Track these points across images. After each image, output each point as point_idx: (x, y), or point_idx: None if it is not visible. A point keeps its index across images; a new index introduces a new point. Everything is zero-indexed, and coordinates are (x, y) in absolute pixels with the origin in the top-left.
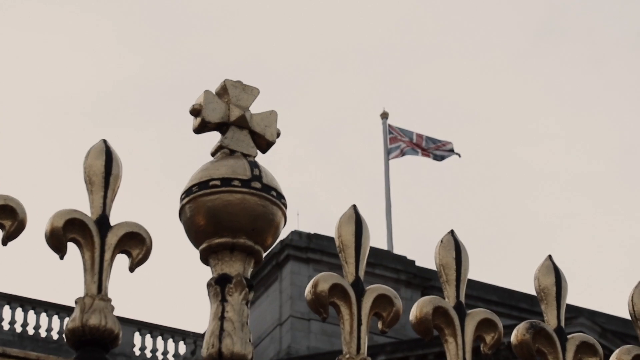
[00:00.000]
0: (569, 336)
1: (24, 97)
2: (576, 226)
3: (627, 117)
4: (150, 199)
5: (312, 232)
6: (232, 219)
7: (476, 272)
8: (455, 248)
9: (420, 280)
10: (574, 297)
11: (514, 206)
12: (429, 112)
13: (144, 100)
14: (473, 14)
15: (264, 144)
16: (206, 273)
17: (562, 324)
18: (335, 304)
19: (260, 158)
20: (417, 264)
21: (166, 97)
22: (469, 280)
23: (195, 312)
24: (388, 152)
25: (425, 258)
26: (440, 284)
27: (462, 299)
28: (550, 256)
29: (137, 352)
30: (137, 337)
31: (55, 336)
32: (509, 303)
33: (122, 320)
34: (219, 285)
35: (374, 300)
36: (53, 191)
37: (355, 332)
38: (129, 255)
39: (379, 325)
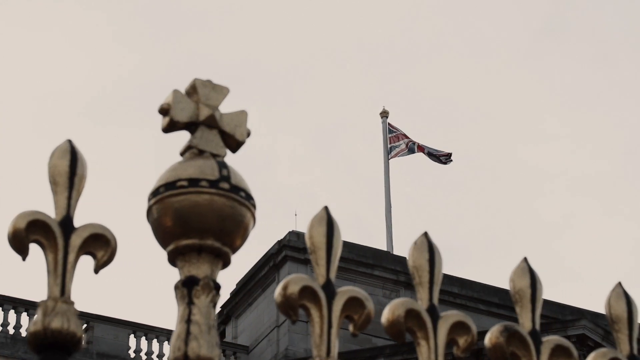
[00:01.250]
0: (543, 339)
1: (19, 95)
2: (580, 227)
3: (632, 117)
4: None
5: None
6: (200, 220)
7: (478, 273)
8: (428, 250)
9: None
10: (577, 298)
11: (516, 206)
12: (429, 111)
13: (140, 98)
14: (475, 12)
15: (234, 144)
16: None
17: (537, 326)
18: (306, 306)
19: (231, 158)
20: None
21: (163, 95)
22: (471, 282)
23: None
24: (388, 152)
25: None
26: (440, 286)
27: (436, 301)
28: (525, 258)
29: (132, 355)
30: (132, 340)
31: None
32: (511, 305)
33: (118, 322)
34: (186, 288)
35: (344, 302)
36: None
37: (326, 335)
38: (94, 257)
39: (350, 328)
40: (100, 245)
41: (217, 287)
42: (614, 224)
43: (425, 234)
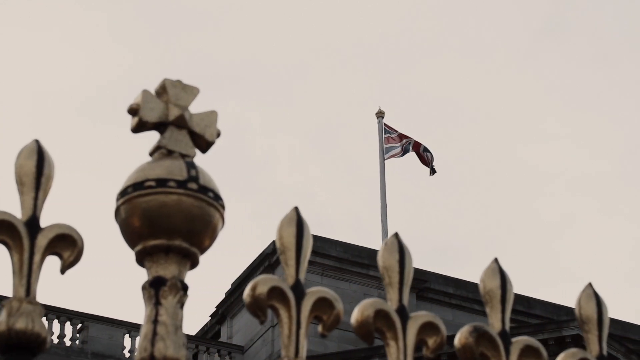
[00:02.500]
0: (513, 339)
1: (16, 93)
2: (579, 227)
3: (632, 117)
4: None
5: None
6: (168, 220)
7: (472, 274)
8: (399, 251)
9: (415, 282)
10: (572, 299)
11: (515, 206)
12: (428, 111)
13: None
14: (474, 11)
15: (204, 144)
16: (197, 274)
17: (507, 327)
18: (275, 307)
19: (201, 158)
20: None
21: None
22: (466, 282)
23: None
24: (384, 152)
25: (421, 259)
26: (435, 287)
27: (406, 301)
28: (496, 259)
29: (127, 355)
30: (127, 339)
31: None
32: None
33: (112, 322)
34: (153, 288)
35: (313, 303)
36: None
37: (294, 335)
38: (60, 257)
39: (319, 328)
40: (67, 246)
41: (185, 288)
42: (614, 224)
43: (396, 235)
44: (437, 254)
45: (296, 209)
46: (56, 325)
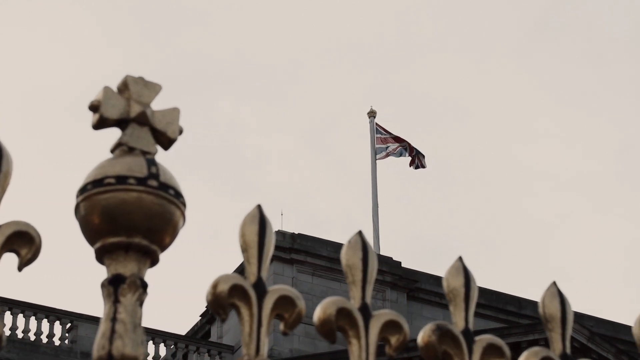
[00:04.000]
0: (476, 338)
1: (4, 91)
2: (572, 226)
3: (625, 116)
4: None
5: (296, 232)
6: (127, 218)
7: None
8: (362, 249)
9: (406, 282)
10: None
11: (507, 206)
12: (419, 111)
13: None
14: (466, 10)
15: (166, 142)
16: (188, 274)
17: (470, 325)
18: (236, 305)
19: (163, 155)
20: (403, 265)
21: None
22: None
23: (176, 314)
24: (375, 152)
25: (413, 260)
26: (426, 287)
27: (368, 300)
28: (460, 257)
29: None
30: None
31: (32, 337)
32: (496, 306)
33: None
34: (112, 286)
35: (275, 301)
36: (35, 186)
37: (255, 333)
38: (18, 254)
39: (281, 327)
40: (24, 243)
41: (144, 286)
42: (606, 223)
43: (360, 233)
44: (429, 254)
45: (259, 206)
46: (45, 324)
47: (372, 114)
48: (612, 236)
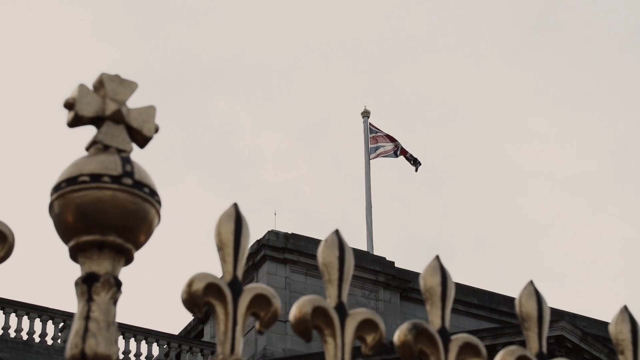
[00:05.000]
0: (452, 337)
1: None
2: (566, 227)
3: (620, 116)
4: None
5: (289, 232)
6: (102, 216)
7: (457, 274)
8: (339, 247)
9: (399, 282)
10: (556, 300)
11: (501, 206)
12: (413, 111)
13: None
14: (461, 10)
15: (142, 140)
16: (181, 273)
17: (447, 324)
18: (211, 303)
19: (139, 154)
20: (396, 265)
21: (147, 92)
22: None
23: (169, 314)
24: (369, 152)
25: (406, 259)
26: (419, 287)
27: (344, 298)
28: (437, 256)
29: None
30: None
31: (24, 337)
32: (489, 306)
33: None
34: (86, 284)
35: (251, 300)
36: (28, 185)
37: (230, 332)
38: None
39: (257, 325)
40: None
41: (119, 284)
42: (601, 224)
43: (336, 232)
44: (422, 254)
45: (235, 205)
46: (38, 323)
47: (365, 114)
48: (606, 236)
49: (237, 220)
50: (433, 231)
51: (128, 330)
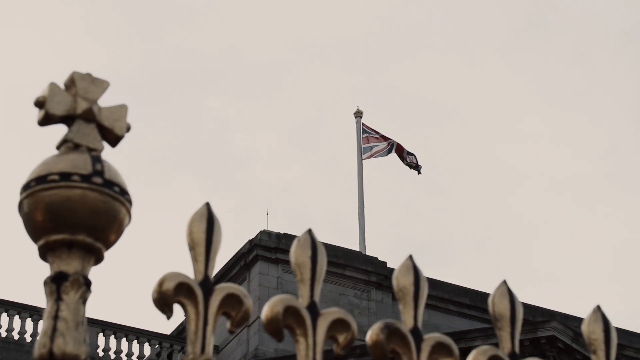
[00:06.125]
0: (424, 336)
1: None
2: (558, 227)
3: (613, 116)
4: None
5: (281, 232)
6: (71, 215)
7: (448, 274)
8: (311, 247)
9: (392, 283)
10: (548, 300)
11: (494, 206)
12: (406, 111)
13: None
14: (453, 9)
15: (113, 138)
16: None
17: (419, 324)
18: (182, 303)
19: (110, 152)
20: (389, 265)
21: (139, 91)
22: (441, 283)
23: (161, 314)
24: (362, 152)
25: (398, 260)
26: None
27: (317, 298)
28: (411, 256)
29: (101, 354)
30: (100, 338)
31: (15, 337)
32: (481, 306)
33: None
34: (55, 284)
35: (222, 299)
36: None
37: (201, 332)
38: None
39: (228, 325)
40: None
41: (88, 283)
42: (594, 224)
43: (309, 231)
44: (415, 254)
45: (207, 204)
46: (29, 323)
47: (358, 114)
48: (599, 236)
49: (209, 219)
50: (425, 231)
51: (120, 330)
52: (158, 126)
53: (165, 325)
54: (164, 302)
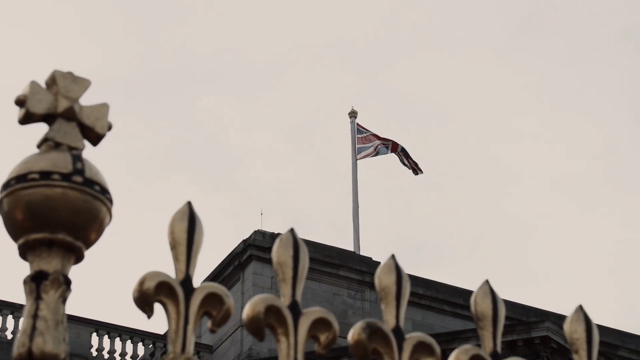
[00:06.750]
0: (406, 336)
1: None
2: (554, 227)
3: (609, 116)
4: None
5: (276, 232)
6: (51, 214)
7: (443, 274)
8: (293, 246)
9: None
10: (542, 300)
11: (489, 206)
12: (401, 111)
13: (106, 93)
14: (449, 9)
15: (95, 137)
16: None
17: (401, 323)
18: (163, 302)
19: (91, 151)
20: None
21: (132, 90)
22: (435, 283)
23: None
24: (356, 152)
25: None
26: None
27: (298, 297)
28: (393, 255)
29: (95, 353)
30: (94, 338)
31: (9, 336)
32: None
33: (80, 321)
34: (34, 283)
35: (203, 298)
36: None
37: (182, 331)
38: None
39: (209, 324)
40: None
41: (68, 282)
42: (589, 224)
43: (291, 230)
44: (409, 254)
45: (189, 203)
46: (10, 321)
47: (353, 114)
48: (594, 236)
49: (190, 218)
50: (420, 231)
51: (113, 330)
52: (153, 126)
53: (159, 325)
54: (144, 301)
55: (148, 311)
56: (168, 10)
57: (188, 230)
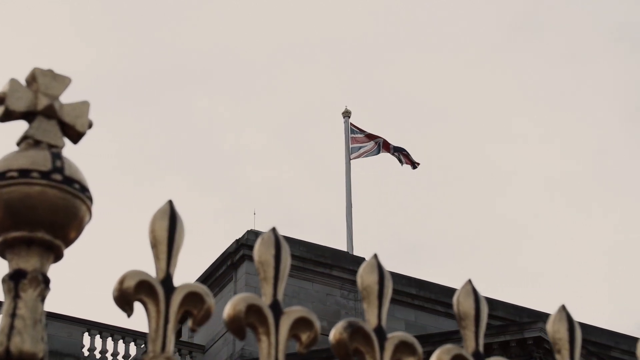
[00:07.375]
0: (388, 335)
1: None
2: (548, 227)
3: (603, 116)
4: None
5: None
6: (30, 212)
7: (436, 275)
8: (275, 245)
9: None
10: (535, 301)
11: (482, 206)
12: (394, 110)
13: (99, 92)
14: (444, 7)
15: (75, 135)
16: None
17: (383, 323)
18: (143, 301)
19: (71, 149)
20: None
21: (125, 89)
22: (429, 283)
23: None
24: (350, 152)
25: (386, 260)
26: (398, 287)
27: (280, 297)
28: (375, 255)
29: (86, 353)
30: (86, 338)
31: None
32: None
33: (71, 320)
34: (13, 281)
35: (183, 298)
36: None
37: (162, 330)
38: None
39: (189, 323)
40: None
41: (47, 281)
42: (583, 224)
43: (273, 230)
44: (402, 255)
45: (170, 202)
46: None
47: (346, 114)
48: (588, 237)
49: (171, 217)
50: (414, 231)
51: (105, 330)
52: (147, 125)
53: None
54: (124, 300)
55: (128, 310)
56: (162, 9)
57: (169, 229)
